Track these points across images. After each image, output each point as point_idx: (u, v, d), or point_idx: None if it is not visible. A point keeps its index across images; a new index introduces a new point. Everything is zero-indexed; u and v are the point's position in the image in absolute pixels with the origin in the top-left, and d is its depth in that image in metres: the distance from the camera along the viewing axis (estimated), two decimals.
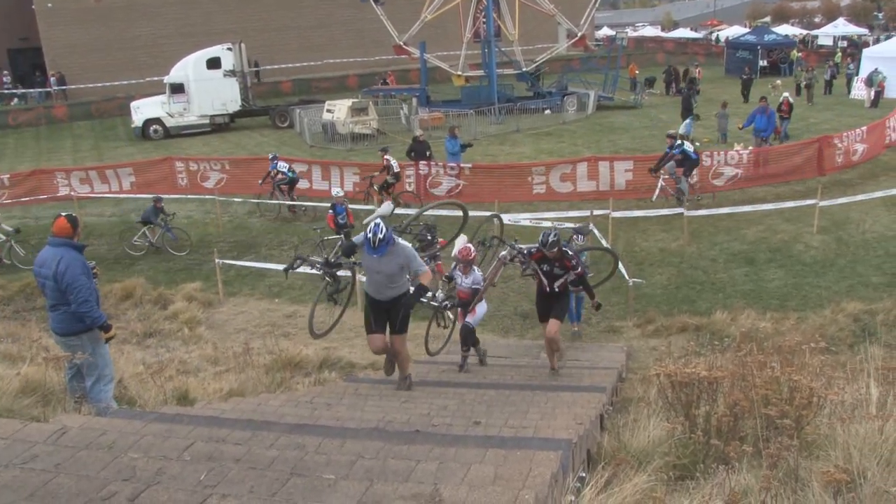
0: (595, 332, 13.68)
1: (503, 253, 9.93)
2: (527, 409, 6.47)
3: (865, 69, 33.78)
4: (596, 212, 16.90)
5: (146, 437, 3.97)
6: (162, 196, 19.10)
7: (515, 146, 27.10)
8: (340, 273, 9.42)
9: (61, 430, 3.93)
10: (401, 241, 7.90)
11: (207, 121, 33.62)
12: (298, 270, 9.80)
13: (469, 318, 9.97)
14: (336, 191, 17.67)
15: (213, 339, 13.24)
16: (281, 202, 20.43)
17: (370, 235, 7.42)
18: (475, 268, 10.17)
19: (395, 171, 19.76)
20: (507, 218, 17.36)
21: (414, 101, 32.50)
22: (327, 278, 8.79)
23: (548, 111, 32.83)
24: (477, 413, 6.25)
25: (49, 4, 43.73)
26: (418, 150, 21.36)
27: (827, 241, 16.48)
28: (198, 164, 23.54)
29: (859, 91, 33.87)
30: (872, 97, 31.69)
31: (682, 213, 17.13)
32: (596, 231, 16.05)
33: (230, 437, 4.34)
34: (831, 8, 78.45)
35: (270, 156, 21.35)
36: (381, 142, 28.15)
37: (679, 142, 18.90)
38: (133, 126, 33.71)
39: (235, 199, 21.06)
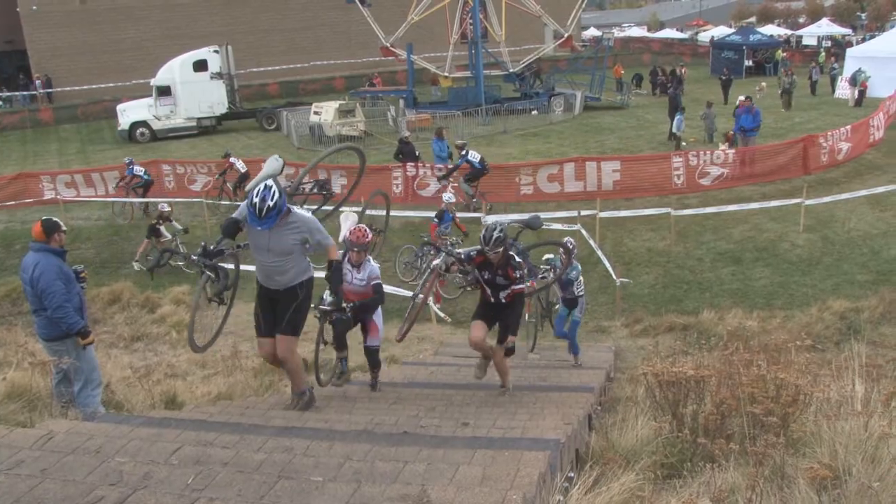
0: (583, 332, 13.70)
1: (436, 262, 7.96)
2: (515, 410, 6.48)
3: (849, 69, 34.00)
4: (583, 212, 16.94)
5: (133, 442, 3.96)
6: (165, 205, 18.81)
7: (503, 147, 27.13)
8: (228, 265, 7.05)
9: (48, 436, 3.92)
10: (298, 209, 6.40)
11: (194, 123, 33.49)
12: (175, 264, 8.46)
13: (372, 339, 7.92)
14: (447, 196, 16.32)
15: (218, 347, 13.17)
16: (131, 200, 21.42)
17: (255, 201, 5.79)
18: (370, 258, 7.80)
19: (243, 171, 20.65)
20: (492, 219, 17.41)
21: (401, 102, 32.50)
22: (208, 273, 6.52)
23: (535, 112, 32.88)
24: (465, 414, 6.25)
25: (34, 7, 43.46)
26: (406, 152, 21.36)
27: (813, 239, 16.58)
28: (185, 168, 23.46)
29: (843, 90, 34.09)
30: (856, 96, 31.89)
31: (669, 213, 17.20)
32: (584, 231, 16.09)
33: (218, 441, 4.33)
34: (815, 8, 78.94)
35: (127, 160, 22.11)
36: (368, 143, 28.14)
37: (464, 151, 18.84)
38: (119, 129, 33.54)
39: (223, 203, 20.98)
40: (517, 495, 3.12)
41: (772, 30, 58.17)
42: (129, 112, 33.27)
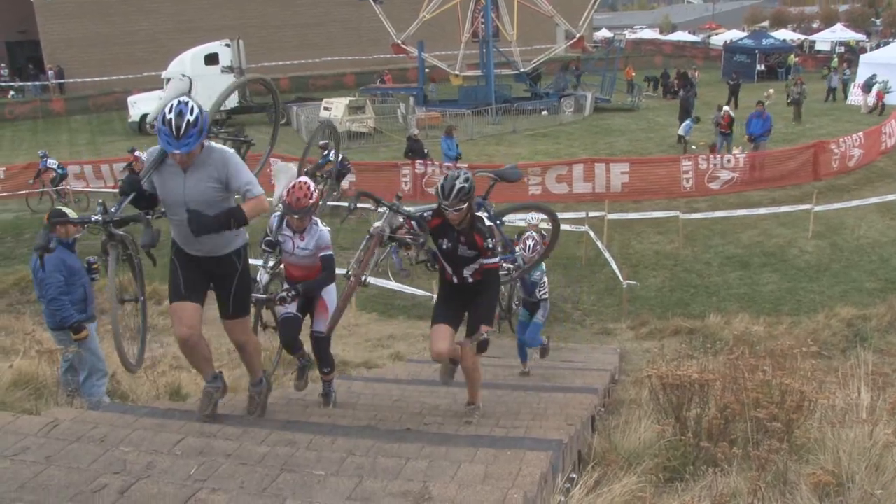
0: (589, 333, 13.70)
1: (377, 224, 5.84)
2: (518, 410, 6.49)
3: (862, 75, 33.84)
4: (591, 213, 16.92)
5: (137, 432, 3.98)
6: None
7: (512, 146, 27.10)
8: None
9: (53, 423, 3.94)
10: (217, 144, 4.97)
11: None
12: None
13: (319, 324, 6.24)
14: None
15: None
16: (46, 190, 21.76)
17: (170, 117, 4.36)
18: (318, 222, 6.15)
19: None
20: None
21: (411, 100, 32.50)
22: (110, 245, 4.88)
23: (545, 112, 32.83)
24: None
25: None
26: (415, 149, 21.38)
27: (821, 246, 16.53)
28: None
29: (856, 97, 33.92)
30: (870, 103, 31.67)
31: (677, 216, 17.16)
32: (591, 233, 16.06)
33: (221, 433, 4.36)
34: (829, 13, 78.64)
35: (41, 153, 22.72)
36: (377, 140, 28.19)
37: (326, 151, 18.42)
38: (130, 121, 33.64)
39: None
40: (518, 494, 3.12)
41: (785, 34, 57.92)
42: (140, 104, 33.36)
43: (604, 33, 73.06)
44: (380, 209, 6.09)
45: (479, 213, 5.65)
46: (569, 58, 39.43)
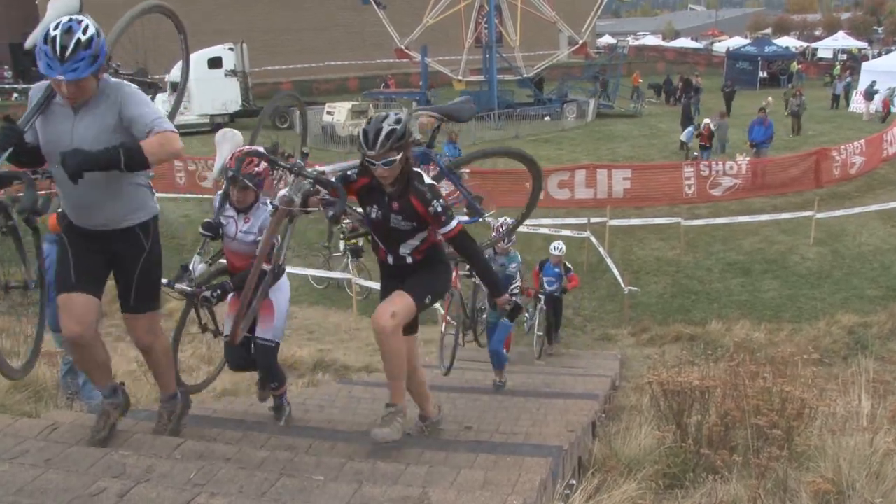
0: (590, 339, 13.70)
1: (283, 192, 4.31)
2: (518, 416, 6.48)
3: (864, 83, 33.84)
4: (593, 219, 16.92)
5: (137, 435, 3.98)
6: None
7: None
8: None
9: (52, 426, 3.94)
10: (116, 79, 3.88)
11: (207, 120, 33.58)
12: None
13: (263, 329, 5.14)
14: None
15: (208, 339, 13.20)
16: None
17: (55, 34, 3.44)
18: (267, 199, 4.89)
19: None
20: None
21: (414, 104, 32.53)
22: None
23: (547, 118, 32.86)
24: (469, 418, 6.25)
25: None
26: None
27: (823, 253, 16.52)
28: (196, 164, 23.52)
29: (858, 104, 33.92)
30: (873, 111, 31.62)
31: (679, 223, 17.15)
32: (593, 239, 16.04)
33: (221, 437, 4.35)
34: (832, 21, 78.70)
35: None
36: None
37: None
38: None
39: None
40: (518, 501, 3.11)
41: (787, 42, 57.95)
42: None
43: (607, 39, 73.21)
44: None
45: (416, 169, 4.23)
46: (597, 64, 39.36)
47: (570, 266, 12.05)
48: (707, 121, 23.76)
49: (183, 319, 5.58)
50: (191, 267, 5.16)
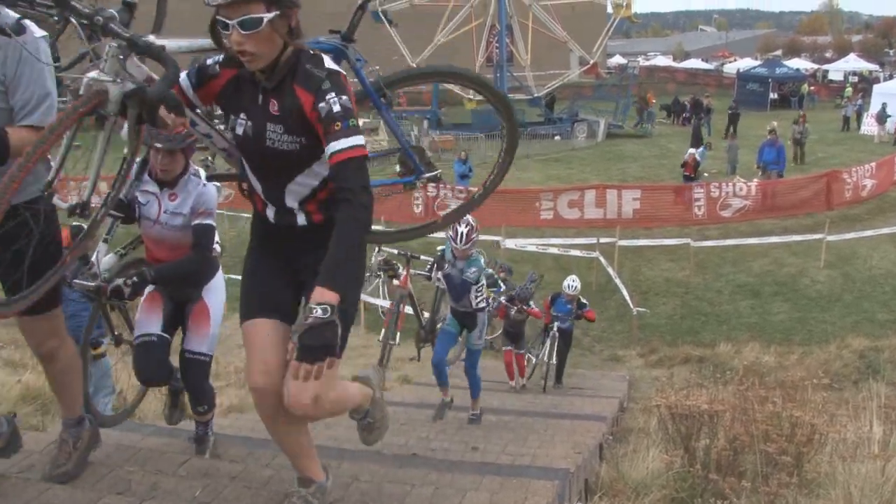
0: (598, 360, 13.64)
1: (91, 74, 2.60)
2: (526, 437, 6.44)
3: (876, 105, 33.79)
4: (602, 239, 16.90)
5: (142, 451, 3.97)
6: None
7: (524, 171, 27.14)
8: None
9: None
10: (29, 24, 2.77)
11: None
12: None
13: (196, 340, 4.19)
14: None
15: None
16: None
17: None
18: (200, 173, 4.07)
19: None
20: (512, 243, 17.41)
21: (424, 122, 32.65)
22: None
23: (558, 137, 32.92)
24: (475, 438, 6.22)
25: None
26: None
27: (833, 276, 16.44)
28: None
29: (869, 127, 33.85)
30: (885, 134, 31.46)
31: (688, 244, 17.11)
32: (602, 259, 16.00)
33: (227, 454, 4.34)
34: (843, 43, 78.75)
35: None
36: (391, 161, 28.19)
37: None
38: None
39: (243, 215, 21.10)
40: None
41: (798, 63, 57.96)
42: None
43: (617, 60, 73.36)
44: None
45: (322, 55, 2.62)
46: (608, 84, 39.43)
47: (585, 301, 11.45)
48: (692, 150, 23.07)
49: (89, 327, 4.50)
50: (93, 258, 3.90)
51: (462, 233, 6.81)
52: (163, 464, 3.78)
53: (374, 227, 3.35)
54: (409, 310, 8.98)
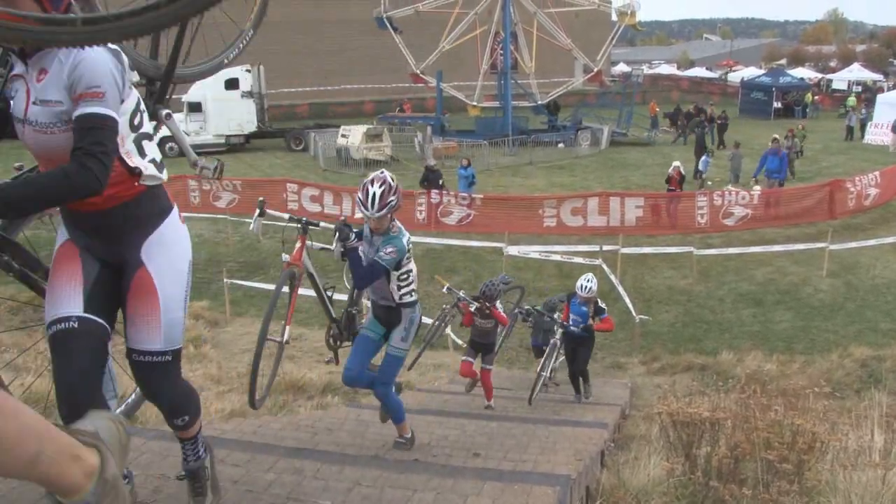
0: (600, 367, 13.62)
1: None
2: (527, 443, 6.44)
3: (879, 114, 33.78)
4: (605, 247, 16.91)
5: (145, 455, 3.98)
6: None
7: (528, 178, 27.20)
8: None
9: None
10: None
11: (223, 140, 33.88)
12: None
13: (146, 334, 2.84)
14: None
15: (218, 359, 13.25)
16: None
17: None
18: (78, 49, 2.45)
19: None
20: (515, 250, 17.43)
21: (428, 129, 32.74)
22: None
23: (561, 145, 32.97)
24: (477, 444, 6.22)
25: None
26: (431, 179, 21.52)
27: (836, 284, 16.42)
28: (210, 184, 23.68)
29: (880, 136, 33.78)
30: None
31: (691, 252, 17.11)
32: (605, 267, 16.03)
33: (229, 459, 4.35)
34: (847, 53, 78.82)
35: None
36: (394, 168, 28.33)
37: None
38: None
39: (247, 220, 21.14)
40: None
41: (802, 72, 58.03)
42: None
43: (621, 67, 73.51)
44: None
45: None
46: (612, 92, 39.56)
47: (603, 306, 10.02)
48: (677, 164, 22.57)
49: None
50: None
51: (374, 193, 4.89)
52: (165, 468, 3.80)
53: None
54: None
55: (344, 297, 6.54)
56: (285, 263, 5.33)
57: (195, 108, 33.38)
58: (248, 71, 34.66)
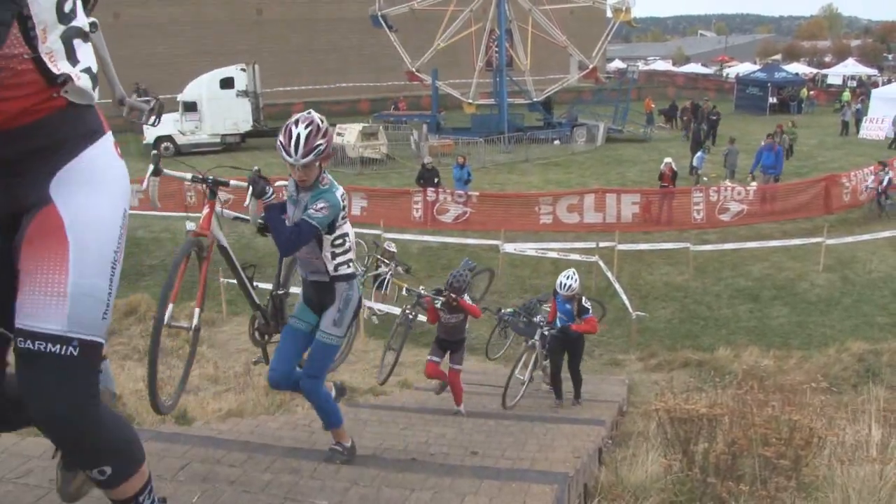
0: (597, 364, 13.63)
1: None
2: (525, 441, 6.44)
3: (874, 109, 33.83)
4: (602, 244, 16.91)
5: None
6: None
7: (524, 175, 27.18)
8: None
9: None
10: None
11: (219, 140, 33.81)
12: None
13: (34, 300, 1.85)
14: None
15: (215, 359, 13.23)
16: None
17: None
18: None
19: None
20: (511, 247, 17.43)
21: (424, 127, 32.71)
22: None
23: (557, 142, 32.96)
24: (475, 443, 6.22)
25: None
26: (427, 177, 21.50)
27: (832, 279, 16.44)
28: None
29: (869, 131, 33.86)
30: None
31: (688, 248, 17.13)
32: (601, 263, 16.04)
33: (226, 459, 4.34)
34: (842, 48, 78.95)
35: None
36: (390, 167, 28.33)
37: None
38: (144, 142, 33.92)
39: (245, 218, 21.11)
40: None
41: (797, 68, 58.10)
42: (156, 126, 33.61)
43: (617, 64, 73.57)
44: None
45: None
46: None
47: (587, 306, 9.48)
48: (668, 160, 22.34)
49: None
50: None
51: (298, 135, 4.10)
52: (161, 468, 3.78)
53: None
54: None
55: (269, 285, 5.25)
56: (189, 233, 4.22)
57: (190, 107, 33.33)
58: (244, 70, 34.59)
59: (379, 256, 14.51)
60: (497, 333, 12.21)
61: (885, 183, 19.74)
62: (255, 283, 4.95)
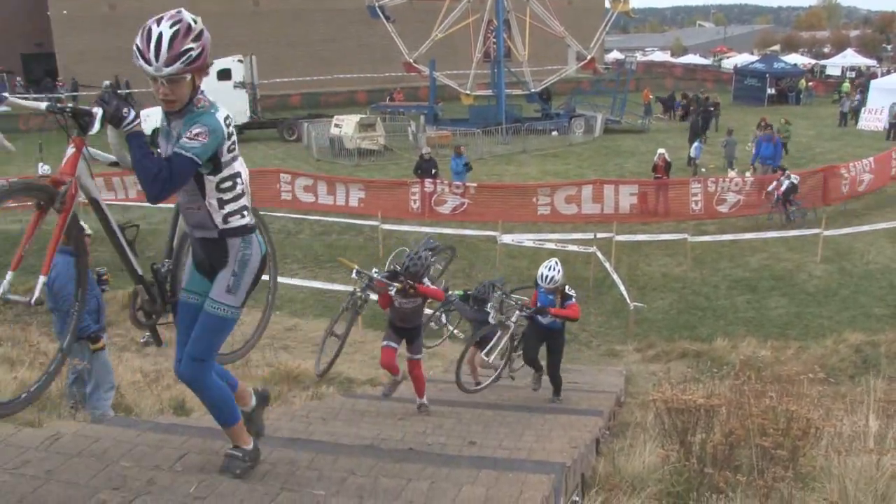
0: (595, 355, 13.65)
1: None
2: (522, 431, 6.45)
3: (872, 100, 33.78)
4: (600, 235, 16.90)
5: (139, 447, 3.96)
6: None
7: (521, 167, 27.15)
8: None
9: (55, 437, 3.93)
10: None
11: None
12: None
13: None
14: None
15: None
16: None
17: None
18: None
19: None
20: (509, 238, 17.42)
21: (421, 118, 32.64)
22: None
23: (555, 133, 32.91)
24: (473, 433, 6.23)
25: (64, 11, 44.03)
26: (424, 168, 21.47)
27: (830, 270, 16.46)
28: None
29: (867, 122, 33.82)
30: None
31: (685, 239, 17.12)
32: (599, 254, 16.03)
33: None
34: (840, 39, 78.84)
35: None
36: (387, 158, 28.27)
37: None
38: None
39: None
40: None
41: (796, 59, 57.99)
42: (153, 118, 33.00)
43: (615, 55, 73.37)
44: None
45: None
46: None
47: (570, 293, 8.69)
48: (661, 151, 22.30)
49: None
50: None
51: (160, 35, 3.24)
52: (159, 459, 3.78)
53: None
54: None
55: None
56: (47, 178, 3.21)
57: None
58: (241, 61, 34.47)
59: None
60: (437, 316, 10.81)
61: (783, 188, 18.97)
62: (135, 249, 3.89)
